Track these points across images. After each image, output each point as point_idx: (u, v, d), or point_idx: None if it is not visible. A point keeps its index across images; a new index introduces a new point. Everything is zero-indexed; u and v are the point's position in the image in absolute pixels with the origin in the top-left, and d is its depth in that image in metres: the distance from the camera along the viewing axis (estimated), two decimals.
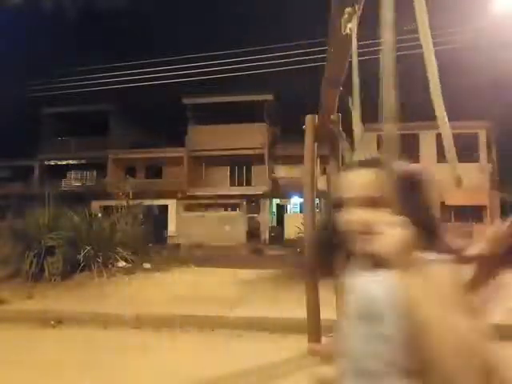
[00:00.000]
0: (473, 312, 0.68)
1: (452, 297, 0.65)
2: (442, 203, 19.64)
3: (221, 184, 23.83)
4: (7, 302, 5.29)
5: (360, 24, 1.82)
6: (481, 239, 0.90)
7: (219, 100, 22.49)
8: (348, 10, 1.76)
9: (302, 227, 5.69)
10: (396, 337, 0.69)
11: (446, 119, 1.04)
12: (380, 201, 0.75)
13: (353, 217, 0.79)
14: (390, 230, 0.66)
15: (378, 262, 0.70)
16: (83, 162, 25.23)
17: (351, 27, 1.84)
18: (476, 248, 0.87)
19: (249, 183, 23.93)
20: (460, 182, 0.92)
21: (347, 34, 1.97)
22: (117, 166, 24.56)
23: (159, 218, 21.22)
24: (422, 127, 19.86)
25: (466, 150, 19.87)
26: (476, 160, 20.17)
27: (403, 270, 0.65)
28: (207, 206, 23.19)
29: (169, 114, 23.59)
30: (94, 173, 25.97)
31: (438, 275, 0.66)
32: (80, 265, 6.17)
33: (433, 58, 1.04)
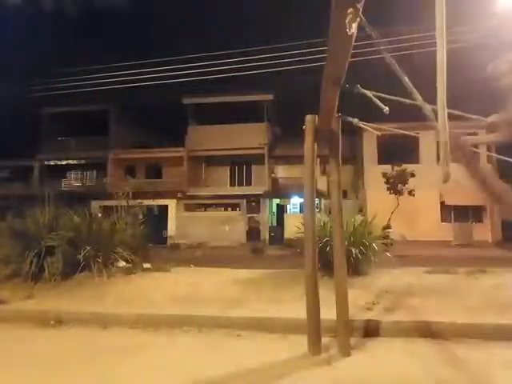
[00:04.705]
0: None
1: None
2: (442, 203, 19.64)
3: (221, 184, 23.85)
4: (7, 301, 5.29)
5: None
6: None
7: (219, 100, 22.50)
8: (351, 10, 1.76)
9: (301, 227, 5.68)
10: None
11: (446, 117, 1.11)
12: None
13: None
14: None
15: None
16: (83, 162, 25.24)
17: (355, 27, 1.84)
18: None
19: (249, 183, 23.94)
20: (448, 177, 1.14)
21: (351, 34, 1.98)
22: (117, 166, 24.58)
23: (159, 217, 21.24)
24: (422, 127, 19.82)
25: None
26: None
27: None
28: (207, 206, 23.19)
29: (169, 114, 23.59)
30: (94, 173, 26.00)
31: None
32: (80, 265, 6.17)
33: (444, 56, 1.10)
